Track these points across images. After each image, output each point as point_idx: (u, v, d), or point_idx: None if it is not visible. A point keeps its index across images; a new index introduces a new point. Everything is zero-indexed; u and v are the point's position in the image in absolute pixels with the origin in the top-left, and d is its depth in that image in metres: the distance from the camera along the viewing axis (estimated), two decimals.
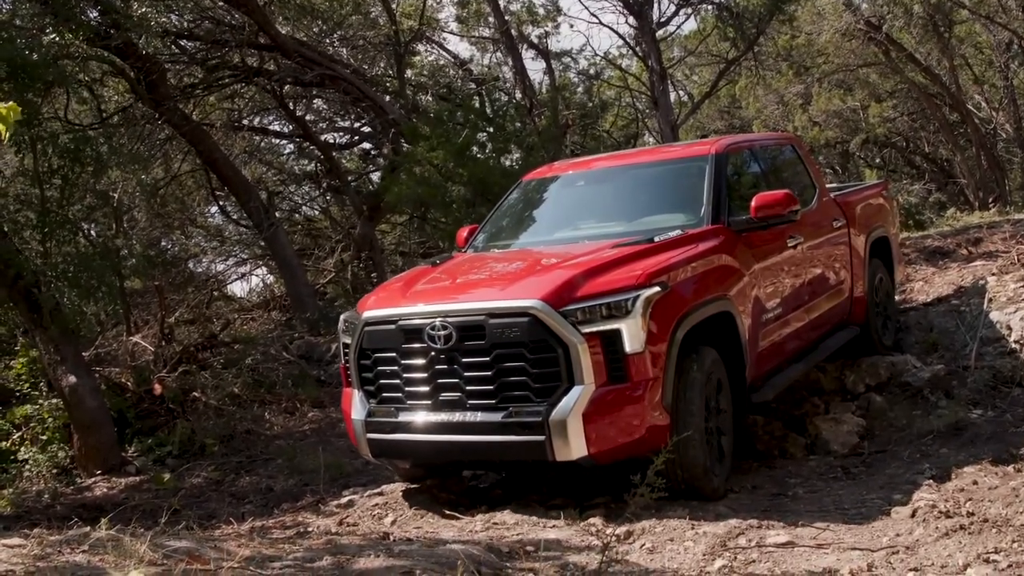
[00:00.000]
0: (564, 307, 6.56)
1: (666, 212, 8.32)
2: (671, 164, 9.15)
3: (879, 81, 26.45)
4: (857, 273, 9.92)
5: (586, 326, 6.53)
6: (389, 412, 7.17)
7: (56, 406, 11.33)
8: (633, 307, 6.56)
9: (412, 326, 7.00)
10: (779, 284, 8.35)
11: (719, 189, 8.14)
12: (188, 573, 4.01)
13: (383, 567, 4.56)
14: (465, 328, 6.77)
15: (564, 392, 6.53)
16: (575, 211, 9.18)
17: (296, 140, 20.70)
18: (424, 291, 7.44)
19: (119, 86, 15.21)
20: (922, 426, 8.65)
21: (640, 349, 6.55)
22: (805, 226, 8.84)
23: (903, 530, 5.92)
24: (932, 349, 10.39)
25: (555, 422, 6.48)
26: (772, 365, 8.25)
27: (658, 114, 20.74)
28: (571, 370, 6.52)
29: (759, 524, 6.29)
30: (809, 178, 9.77)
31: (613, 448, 6.61)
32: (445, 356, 6.86)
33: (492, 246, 8.86)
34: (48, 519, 8.33)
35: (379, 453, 7.41)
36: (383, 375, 7.23)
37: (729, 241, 7.76)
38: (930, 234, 16.13)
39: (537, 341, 6.58)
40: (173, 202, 19.10)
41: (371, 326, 7.28)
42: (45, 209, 11.11)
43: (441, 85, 20.25)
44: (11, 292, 10.83)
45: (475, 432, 6.82)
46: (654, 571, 5.13)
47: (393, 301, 7.41)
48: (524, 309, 6.62)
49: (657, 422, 6.62)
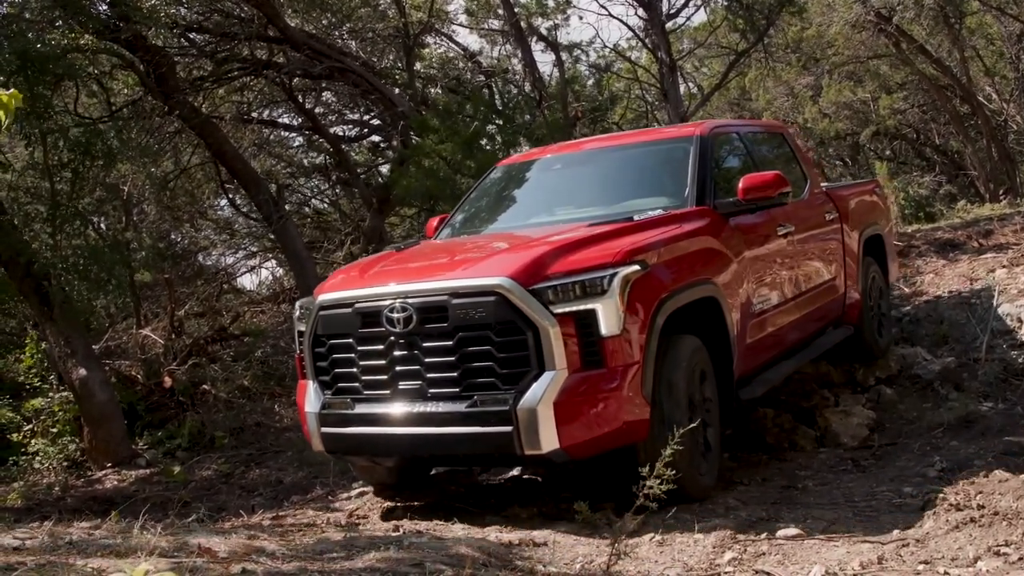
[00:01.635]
0: (534, 285, 6.06)
1: (648, 196, 7.85)
2: (654, 146, 8.73)
3: (889, 73, 26.37)
4: (851, 270, 9.50)
5: (558, 306, 6.03)
6: (344, 404, 6.69)
7: (66, 399, 11.37)
8: (610, 286, 6.06)
9: (369, 309, 6.50)
10: (769, 274, 7.91)
11: (704, 171, 7.71)
12: (199, 565, 4.02)
13: (393, 559, 4.56)
14: (426, 309, 6.27)
15: (534, 379, 6.02)
16: (552, 196, 8.74)
17: (305, 133, 20.69)
18: (383, 272, 6.93)
19: (128, 79, 15.20)
20: (932, 419, 8.65)
21: (617, 332, 6.05)
22: (796, 216, 8.50)
23: (913, 523, 5.91)
24: (943, 341, 10.38)
25: (524, 411, 5.97)
26: (762, 360, 7.84)
27: (668, 106, 20.68)
28: (541, 355, 6.01)
29: (769, 516, 6.29)
30: (800, 169, 9.42)
31: (587, 441, 6.11)
32: (404, 341, 6.35)
33: (462, 232, 8.46)
34: (59, 511, 8.36)
35: (334, 449, 6.96)
36: (338, 363, 6.74)
37: (715, 224, 7.34)
38: (940, 226, 16.08)
39: (504, 323, 6.07)
40: (183, 195, 19.11)
41: (326, 310, 6.79)
42: (55, 202, 11.14)
43: (450, 78, 20.21)
44: (21, 285, 10.87)
45: (437, 424, 6.30)
46: (663, 564, 5.12)
47: (350, 284, 6.92)
48: (490, 287, 6.12)
49: (636, 413, 6.15)
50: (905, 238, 14.61)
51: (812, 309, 8.69)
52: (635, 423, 6.16)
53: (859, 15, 21.67)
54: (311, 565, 4.29)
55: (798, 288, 8.40)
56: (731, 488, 7.15)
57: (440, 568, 4.22)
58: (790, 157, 9.46)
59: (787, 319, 8.17)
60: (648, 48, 23.80)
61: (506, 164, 9.42)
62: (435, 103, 16.71)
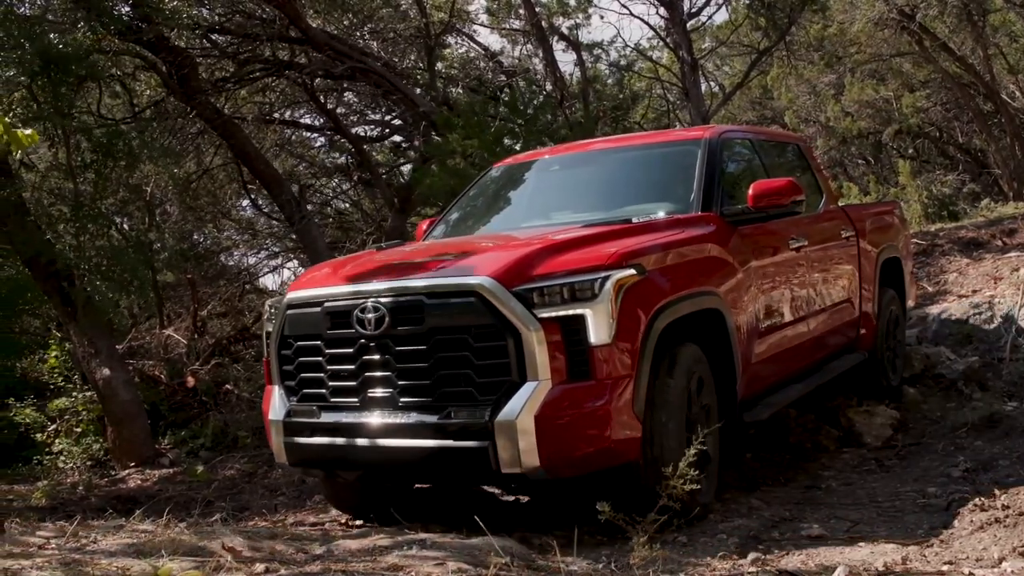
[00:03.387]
0: (517, 287, 5.54)
1: (651, 201, 7.33)
2: (658, 148, 8.26)
3: (912, 71, 26.24)
4: (867, 292, 9.00)
5: (543, 310, 5.51)
6: (310, 412, 6.20)
7: (90, 399, 11.42)
8: (601, 290, 5.54)
9: (339, 308, 6.02)
10: (778, 288, 7.44)
11: (712, 176, 7.23)
12: (222, 564, 4.03)
13: (416, 557, 4.56)
14: (399, 310, 5.77)
15: (514, 389, 5.50)
16: (550, 198, 8.22)
17: (327, 133, 20.75)
18: (357, 270, 6.40)
19: (151, 80, 15.27)
20: (956, 419, 8.61)
21: (607, 341, 5.53)
22: (810, 230, 8.04)
23: (937, 523, 5.89)
24: (966, 341, 10.33)
25: (501, 425, 5.47)
26: (768, 381, 7.33)
27: (689, 105, 20.65)
28: (523, 363, 5.49)
29: (792, 516, 6.29)
30: (816, 182, 8.96)
31: (571, 459, 5.59)
32: (375, 344, 5.85)
33: (451, 235, 8.01)
34: (83, 511, 8.40)
35: (298, 461, 6.39)
36: (305, 368, 6.25)
37: (722, 232, 6.86)
38: (964, 225, 16.00)
39: (484, 327, 5.57)
40: (205, 195, 19.19)
41: (294, 309, 6.31)
42: (78, 203, 11.18)
43: (472, 77, 20.23)
44: (45, 285, 10.92)
45: (407, 436, 5.80)
46: (688, 563, 5.11)
47: (320, 282, 6.41)
48: (469, 287, 5.61)
49: (625, 430, 5.64)
50: (928, 237, 14.54)
51: (824, 331, 8.20)
52: (624, 442, 5.65)
53: (882, 13, 21.57)
54: (334, 565, 4.30)
55: (809, 307, 7.92)
56: (754, 488, 7.13)
57: (464, 567, 4.22)
58: (805, 169, 8.99)
59: (796, 339, 7.69)
60: (669, 47, 23.77)
61: (503, 165, 8.99)
62: (457, 102, 16.72)
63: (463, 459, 5.67)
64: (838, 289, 8.49)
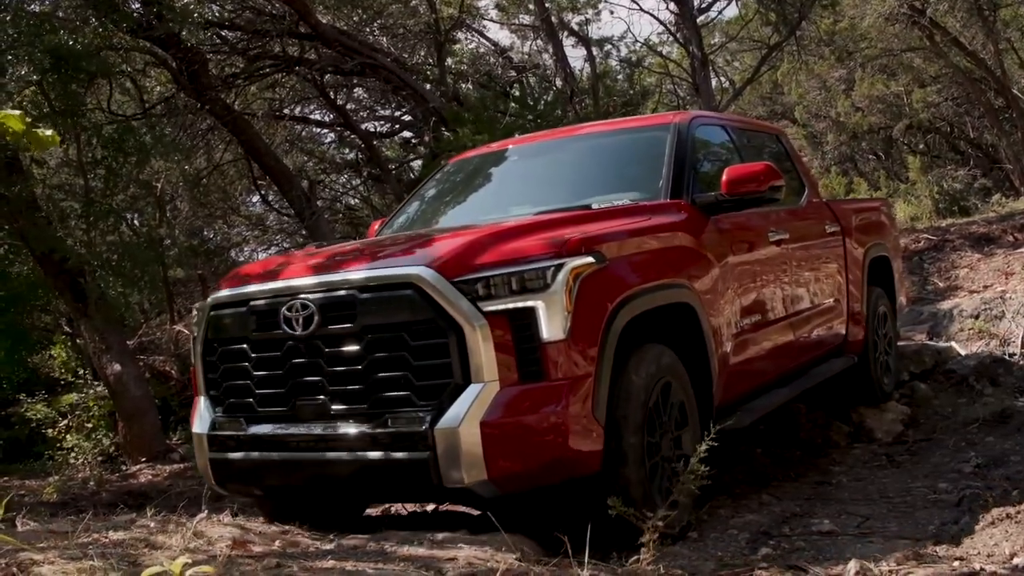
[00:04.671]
0: (459, 277, 4.94)
1: (618, 190, 6.63)
2: (626, 135, 7.59)
3: (923, 66, 26.18)
4: (854, 292, 8.49)
5: (489, 303, 4.89)
6: (236, 424, 5.55)
7: (101, 394, 11.46)
8: (554, 280, 4.92)
9: (265, 307, 5.42)
10: (758, 284, 6.85)
11: (682, 162, 6.62)
12: (232, 559, 4.03)
13: (426, 555, 4.56)
14: (330, 306, 5.17)
15: (456, 393, 4.89)
16: (507, 192, 7.55)
17: (337, 129, 20.78)
18: (287, 267, 5.77)
19: (161, 76, 15.32)
20: (968, 414, 8.59)
21: (562, 337, 4.90)
22: (791, 223, 7.54)
23: (948, 519, 5.87)
24: (978, 336, 10.29)
25: (442, 433, 4.83)
26: (749, 386, 6.73)
27: (700, 101, 20.64)
28: (467, 363, 4.87)
29: (803, 512, 6.26)
30: (797, 175, 8.45)
31: (524, 472, 4.94)
32: (305, 346, 5.25)
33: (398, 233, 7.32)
34: (94, 506, 8.42)
35: (224, 479, 5.71)
36: (231, 375, 5.62)
37: (693, 220, 6.27)
38: (975, 220, 15.97)
39: (422, 323, 4.95)
40: (215, 191, 19.24)
41: (218, 311, 5.72)
42: (89, 199, 11.22)
43: (481, 73, 20.24)
44: (56, 281, 10.96)
45: (340, 448, 5.16)
46: (698, 559, 5.11)
47: (247, 280, 5.77)
48: (405, 279, 5.01)
49: (585, 438, 4.99)
50: (939, 232, 14.52)
51: (809, 333, 7.68)
52: (583, 452, 5.00)
53: (892, 8, 21.51)
54: (345, 559, 4.30)
55: (792, 306, 7.37)
56: (765, 484, 7.12)
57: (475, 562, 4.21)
58: (786, 162, 8.39)
59: (779, 340, 7.12)
60: (679, 42, 23.77)
61: (460, 159, 8.44)
62: (467, 98, 16.72)
63: (402, 473, 5.03)
64: (823, 287, 8.01)
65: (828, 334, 8.08)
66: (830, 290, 8.12)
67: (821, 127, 27.28)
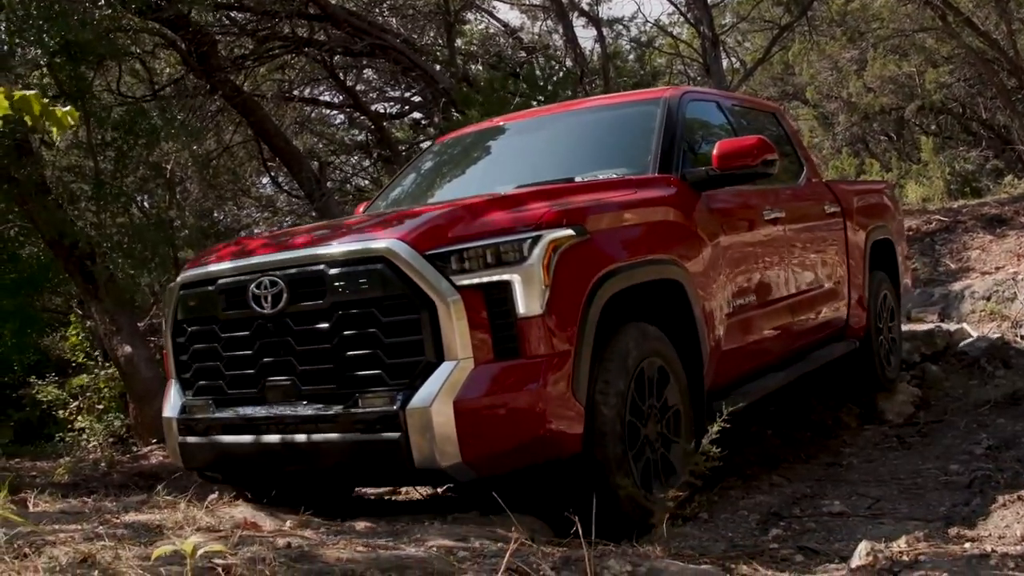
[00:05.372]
0: (432, 250, 4.76)
1: (607, 166, 6.43)
2: (615, 110, 7.42)
3: (935, 46, 26.02)
4: (855, 275, 8.29)
5: (463, 277, 4.72)
6: (205, 407, 5.43)
7: (112, 376, 11.48)
8: (530, 252, 4.76)
9: (234, 285, 5.27)
10: (752, 265, 6.66)
11: (672, 136, 6.42)
12: (244, 539, 4.04)
13: (438, 534, 4.57)
14: (299, 283, 5.02)
15: (429, 371, 4.71)
16: (494, 169, 7.36)
17: (347, 110, 20.76)
18: (259, 245, 5.65)
19: (170, 58, 15.31)
20: (979, 396, 8.58)
21: (539, 312, 4.74)
22: (788, 202, 7.39)
23: (959, 500, 5.86)
24: (990, 318, 10.26)
25: (414, 413, 4.66)
26: (743, 368, 6.53)
27: (710, 81, 20.56)
28: (440, 340, 4.70)
29: (813, 493, 6.26)
30: (795, 153, 8.26)
31: (498, 453, 4.77)
32: (273, 325, 5.09)
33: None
34: (105, 487, 8.44)
35: (194, 463, 5.61)
36: (200, 356, 5.48)
37: (683, 196, 6.08)
38: (987, 201, 15.89)
39: (393, 298, 4.77)
40: (225, 173, 19.22)
41: (187, 290, 5.56)
42: (99, 181, 11.22)
43: (491, 54, 20.19)
44: (67, 263, 10.98)
45: (310, 430, 5.00)
46: (709, 540, 5.10)
47: (218, 258, 5.64)
48: (374, 252, 4.83)
49: (564, 418, 4.82)
50: (951, 213, 14.45)
51: (807, 316, 7.49)
52: (562, 431, 4.82)
53: None
54: (355, 544, 4.31)
55: (789, 287, 7.19)
56: (775, 465, 7.12)
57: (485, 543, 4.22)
58: (783, 140, 8.16)
59: (775, 323, 6.94)
60: (690, 23, 23.68)
61: (447, 138, 8.29)
62: (476, 79, 16.68)
63: (373, 455, 4.86)
64: (822, 269, 7.82)
65: (828, 317, 7.88)
66: (830, 272, 7.92)
67: (832, 108, 27.14)
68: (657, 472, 5.31)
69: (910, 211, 14.83)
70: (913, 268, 11.96)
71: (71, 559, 3.44)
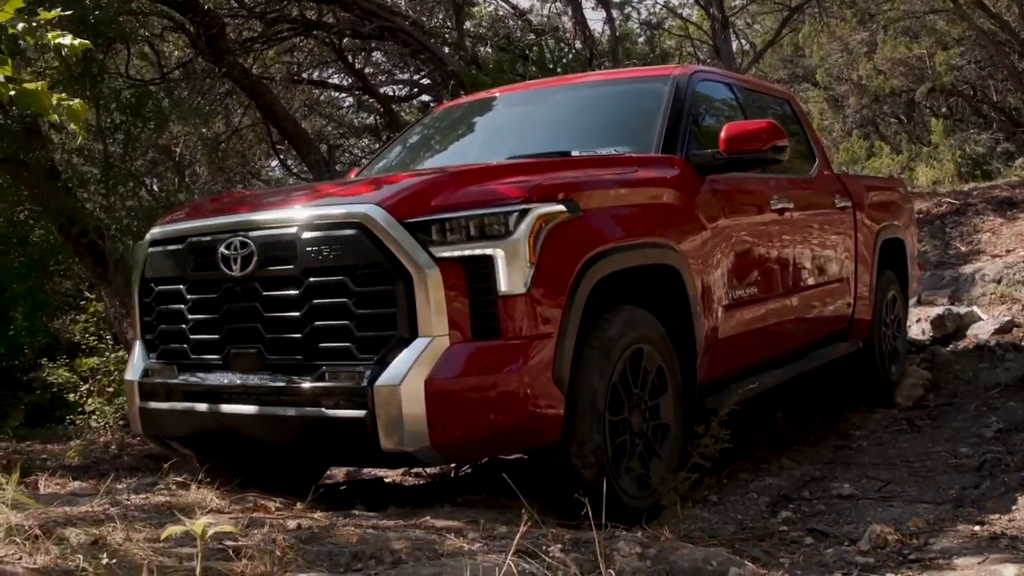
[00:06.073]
0: (411, 218, 4.47)
1: (609, 143, 6.16)
2: (620, 85, 7.12)
3: (946, 28, 25.90)
4: (863, 272, 7.96)
5: (443, 248, 4.42)
6: (168, 372, 5.15)
7: (122, 358, 11.48)
8: (516, 227, 4.47)
9: (203, 244, 4.97)
10: (755, 255, 6.35)
11: (678, 116, 6.10)
12: (255, 521, 4.05)
13: (448, 516, 4.57)
14: (270, 245, 4.72)
15: (401, 346, 4.42)
16: (492, 139, 7.01)
17: (355, 93, 20.77)
18: (235, 203, 5.43)
19: (179, 41, 15.31)
20: (989, 379, 8.56)
21: (522, 291, 4.45)
22: (798, 193, 7.08)
23: (969, 483, 5.86)
24: (1000, 301, 10.24)
25: (382, 391, 4.37)
26: (738, 363, 6.23)
27: (720, 63, 20.49)
28: (414, 314, 4.40)
29: (823, 476, 6.26)
30: (807, 144, 7.95)
31: (470, 439, 4.50)
32: (241, 289, 4.80)
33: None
34: (116, 469, 8.46)
35: (153, 431, 5.33)
36: (165, 318, 5.20)
37: (686, 178, 5.77)
38: (998, 184, 15.85)
39: (368, 267, 4.47)
40: (234, 156, 19.24)
41: (156, 247, 5.27)
42: (108, 164, 11.21)
43: (500, 36, 20.13)
44: (76, 246, 10.98)
45: (272, 403, 4.72)
46: (718, 522, 5.11)
47: (190, 216, 5.39)
48: (351, 218, 4.54)
49: (543, 404, 4.53)
50: (961, 196, 14.41)
51: (810, 312, 7.18)
52: (541, 418, 4.56)
53: None
54: (365, 522, 4.32)
55: (792, 281, 6.86)
56: (785, 447, 7.11)
57: (496, 525, 4.23)
58: (796, 129, 7.82)
59: (775, 317, 6.62)
60: (700, 4, 23.56)
61: (448, 106, 7.98)
62: (485, 62, 16.65)
63: (337, 433, 4.59)
64: (828, 264, 7.49)
65: (831, 315, 7.58)
66: (836, 268, 7.61)
67: (843, 90, 27.07)
68: (644, 464, 5.06)
69: (920, 194, 14.79)
70: (923, 251, 11.94)
71: (82, 541, 3.45)
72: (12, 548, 3.25)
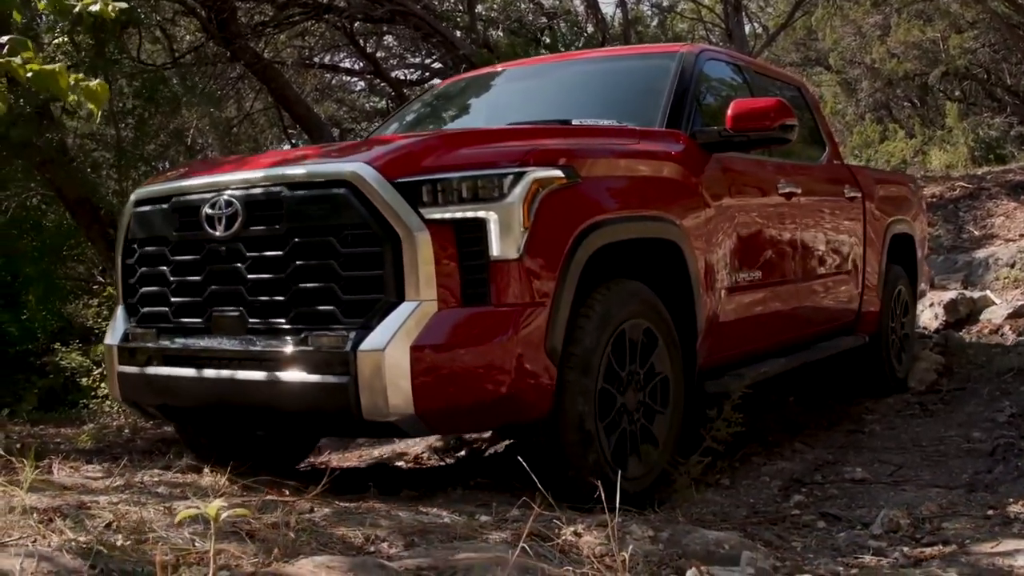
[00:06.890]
0: (402, 178, 4.32)
1: (610, 117, 5.86)
2: (626, 61, 7.07)
3: (960, 11, 25.78)
4: (871, 265, 7.85)
5: (433, 210, 4.27)
6: (149, 335, 5.01)
7: None
8: (511, 190, 4.33)
9: (188, 204, 4.84)
10: (759, 238, 6.20)
11: (684, 92, 6.00)
12: (268, 504, 4.06)
13: (460, 500, 4.59)
14: (255, 205, 4.59)
15: (387, 310, 4.27)
16: (494, 112, 6.87)
17: (367, 77, 20.73)
18: (223, 163, 5.33)
19: (191, 25, 15.29)
20: (1002, 363, 8.54)
21: (514, 256, 4.31)
22: (806, 178, 6.98)
23: (982, 468, 5.85)
24: (1014, 285, 10.21)
25: (366, 356, 4.22)
26: (740, 349, 6.07)
27: (732, 47, 20.43)
28: (401, 277, 4.25)
29: (836, 460, 6.25)
30: (817, 131, 7.87)
31: (455, 409, 4.33)
32: (225, 249, 4.67)
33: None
34: (129, 453, 8.49)
35: (130, 396, 5.22)
36: (148, 280, 5.07)
37: (690, 153, 5.63)
38: (1011, 168, 15.80)
39: (355, 227, 4.34)
40: (246, 140, 19.24)
41: (141, 207, 5.13)
42: (121, 149, 11.24)
43: (512, 19, 20.08)
44: (88, 231, 11.01)
45: (253, 367, 4.58)
46: (731, 506, 5.11)
47: (176, 176, 5.28)
48: (339, 176, 4.41)
49: (532, 376, 4.37)
50: (975, 180, 14.37)
51: (816, 302, 7.06)
52: (530, 390, 4.39)
53: None
54: (378, 505, 4.33)
55: (798, 269, 6.70)
56: (797, 431, 7.11)
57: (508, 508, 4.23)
58: (806, 116, 7.70)
59: (779, 304, 6.47)
60: None
61: (452, 80, 7.91)
62: (497, 45, 16.62)
63: (318, 400, 4.43)
64: (836, 255, 7.33)
65: (838, 307, 7.46)
66: (843, 259, 7.46)
67: (856, 74, 26.99)
68: (635, 446, 4.92)
69: (934, 178, 14.75)
70: (937, 235, 11.91)
71: (96, 524, 3.47)
72: (28, 530, 3.27)
